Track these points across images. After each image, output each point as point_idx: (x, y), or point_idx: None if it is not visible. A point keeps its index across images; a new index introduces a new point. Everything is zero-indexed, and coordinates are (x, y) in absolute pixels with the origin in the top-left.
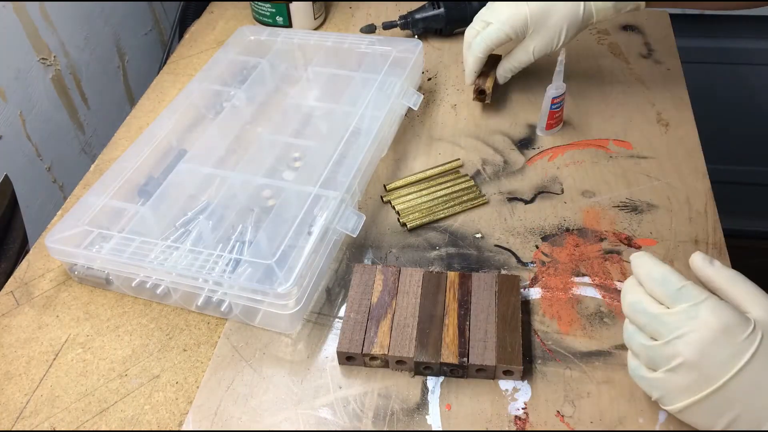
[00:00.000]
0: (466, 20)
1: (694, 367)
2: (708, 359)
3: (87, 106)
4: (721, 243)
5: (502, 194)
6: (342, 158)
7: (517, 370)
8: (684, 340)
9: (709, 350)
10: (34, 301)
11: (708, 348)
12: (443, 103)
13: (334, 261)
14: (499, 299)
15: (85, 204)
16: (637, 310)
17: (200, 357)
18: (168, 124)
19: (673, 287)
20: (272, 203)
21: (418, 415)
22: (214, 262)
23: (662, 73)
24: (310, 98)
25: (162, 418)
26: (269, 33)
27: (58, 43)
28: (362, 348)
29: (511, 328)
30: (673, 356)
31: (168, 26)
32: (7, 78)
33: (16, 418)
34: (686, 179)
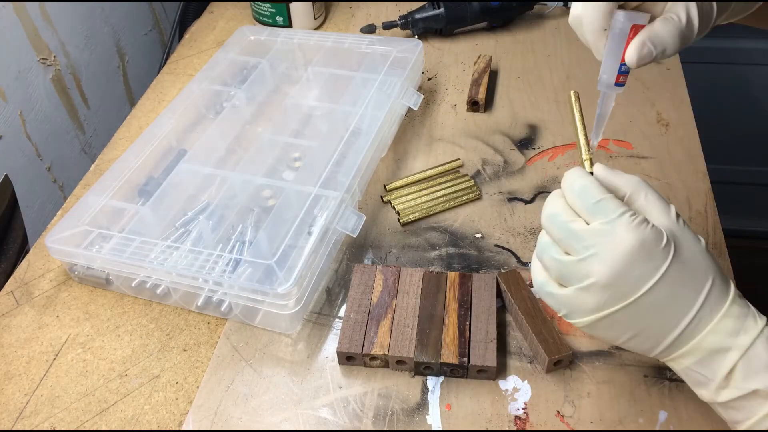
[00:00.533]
0: (466, 20)
1: (606, 287)
2: (620, 278)
3: (87, 106)
4: (721, 243)
5: (502, 194)
6: (342, 158)
7: (567, 357)
8: (598, 258)
9: (622, 269)
10: (34, 301)
11: (622, 267)
12: (443, 103)
13: (334, 261)
14: (514, 297)
15: (85, 204)
16: (554, 222)
17: (200, 357)
18: (168, 124)
19: (590, 200)
20: (272, 203)
21: (418, 415)
22: (214, 262)
23: (662, 73)
24: (310, 98)
25: (162, 418)
26: (269, 33)
27: (58, 43)
28: (362, 348)
29: (541, 320)
30: (586, 275)
31: (168, 26)
32: (7, 78)
33: (16, 418)
34: (686, 179)
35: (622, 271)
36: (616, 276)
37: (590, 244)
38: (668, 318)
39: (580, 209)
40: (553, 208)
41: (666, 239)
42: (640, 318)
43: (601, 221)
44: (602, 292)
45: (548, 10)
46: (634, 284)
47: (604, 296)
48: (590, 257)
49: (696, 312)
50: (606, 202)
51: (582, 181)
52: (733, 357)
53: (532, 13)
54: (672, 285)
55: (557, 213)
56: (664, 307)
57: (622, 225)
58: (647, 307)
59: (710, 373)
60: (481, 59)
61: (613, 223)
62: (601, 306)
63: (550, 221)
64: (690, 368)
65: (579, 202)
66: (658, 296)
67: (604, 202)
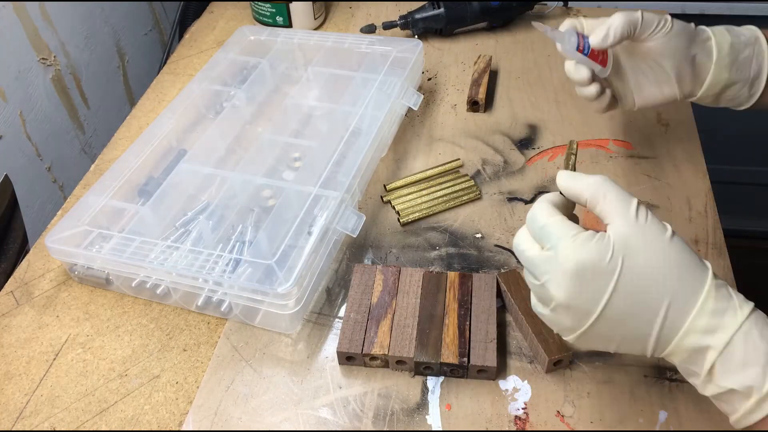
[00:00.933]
0: (466, 20)
1: (568, 307)
2: (577, 299)
3: (87, 106)
4: (721, 243)
5: (502, 194)
6: (342, 158)
7: (567, 357)
8: (551, 284)
9: (573, 291)
10: (34, 301)
11: (572, 289)
12: (443, 103)
13: (334, 261)
14: (514, 297)
15: (85, 204)
16: (518, 251)
17: (200, 357)
18: (168, 124)
19: (536, 226)
20: (272, 203)
21: (418, 415)
22: (214, 262)
23: None
24: (310, 98)
25: (162, 418)
26: (269, 33)
27: (58, 43)
28: (362, 348)
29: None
30: (550, 299)
31: (168, 26)
32: (7, 78)
33: (16, 418)
34: (686, 179)
35: (574, 293)
36: (570, 297)
37: (543, 270)
38: (638, 325)
39: (533, 236)
40: (516, 237)
41: (611, 253)
42: (613, 329)
43: (546, 247)
44: (567, 313)
45: (548, 10)
46: (590, 302)
47: (571, 316)
48: (547, 282)
49: (664, 314)
50: (548, 227)
51: (534, 208)
52: (711, 356)
53: (532, 13)
54: (629, 295)
55: (518, 242)
56: (630, 317)
57: (561, 249)
58: (613, 318)
59: (697, 368)
60: (481, 59)
61: (555, 248)
62: (574, 325)
63: (516, 250)
64: (680, 365)
65: (530, 228)
66: (618, 308)
67: (546, 228)
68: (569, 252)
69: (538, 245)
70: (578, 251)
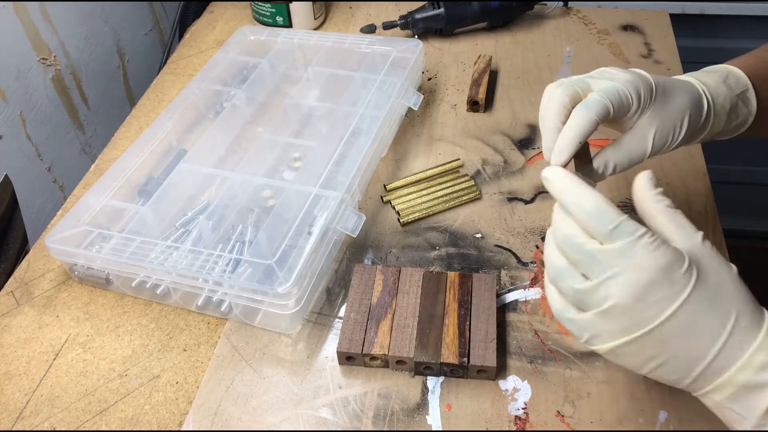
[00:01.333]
0: (466, 20)
1: (626, 311)
2: (641, 302)
3: (87, 106)
4: (721, 243)
5: (502, 194)
6: (342, 158)
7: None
8: (617, 281)
9: (642, 293)
10: (34, 301)
11: (641, 291)
12: (443, 103)
13: (334, 261)
14: None
15: (85, 204)
16: (570, 243)
17: (200, 357)
18: (168, 124)
19: (609, 224)
20: (272, 203)
21: (418, 415)
22: (214, 262)
23: (662, 73)
24: (310, 98)
25: (162, 418)
26: (269, 33)
27: (58, 43)
28: (362, 348)
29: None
30: (605, 298)
31: (168, 26)
32: (7, 78)
33: (16, 418)
34: (686, 179)
35: (642, 296)
36: (635, 300)
37: (609, 266)
38: (694, 347)
39: (594, 230)
40: (568, 228)
41: (688, 263)
42: (663, 346)
43: (620, 242)
44: (622, 317)
45: (548, 10)
46: (655, 310)
47: (624, 321)
48: (608, 280)
49: (724, 342)
50: (625, 224)
51: (594, 200)
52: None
53: (532, 13)
54: (695, 312)
55: (573, 234)
56: (688, 336)
57: (641, 247)
58: (670, 334)
59: (745, 410)
60: (481, 59)
61: (633, 245)
62: (622, 332)
63: (568, 243)
64: (722, 404)
65: (594, 223)
66: (680, 323)
67: (622, 226)
68: (650, 251)
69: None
70: (659, 252)
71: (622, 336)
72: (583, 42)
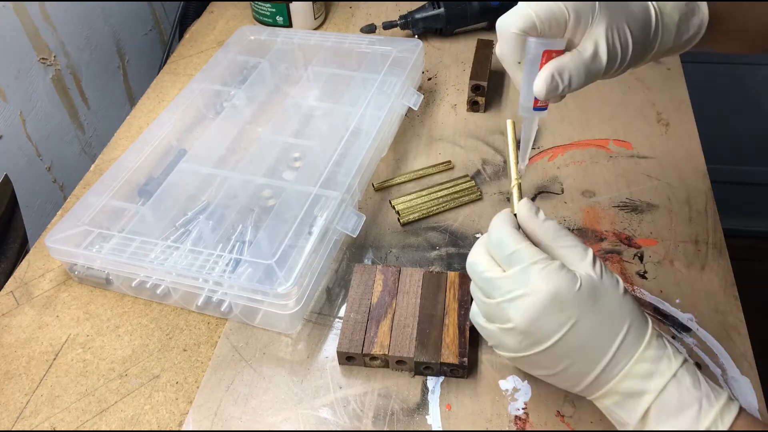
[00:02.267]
0: (466, 20)
1: (523, 332)
2: (534, 326)
3: (87, 106)
4: (721, 243)
5: (502, 194)
6: (342, 158)
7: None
8: (514, 305)
9: (537, 317)
10: (34, 301)
11: (537, 315)
12: (443, 103)
13: (334, 261)
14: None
15: (85, 204)
16: (473, 271)
17: (200, 357)
18: (168, 124)
19: (506, 251)
20: (272, 203)
21: (418, 415)
22: (214, 262)
23: (662, 73)
24: (310, 98)
25: (162, 418)
26: (269, 33)
27: (58, 43)
28: (362, 348)
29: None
30: (505, 319)
31: (168, 26)
32: (7, 78)
33: (16, 418)
34: (686, 179)
35: (536, 320)
36: (530, 324)
37: (506, 290)
38: (582, 363)
39: (497, 258)
40: (472, 256)
41: (579, 284)
42: (555, 361)
43: (516, 268)
44: (518, 337)
45: None
46: (547, 332)
47: (520, 340)
48: (506, 303)
49: (610, 358)
50: (520, 252)
51: (498, 232)
52: (646, 401)
53: None
54: (585, 333)
55: (476, 262)
56: (578, 354)
57: (534, 273)
58: (562, 351)
59: (627, 415)
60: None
61: (526, 271)
62: (519, 348)
63: (470, 270)
64: (609, 409)
65: (495, 252)
66: (571, 344)
67: (518, 253)
68: (542, 277)
69: (498, 267)
70: (552, 280)
71: (520, 351)
72: None
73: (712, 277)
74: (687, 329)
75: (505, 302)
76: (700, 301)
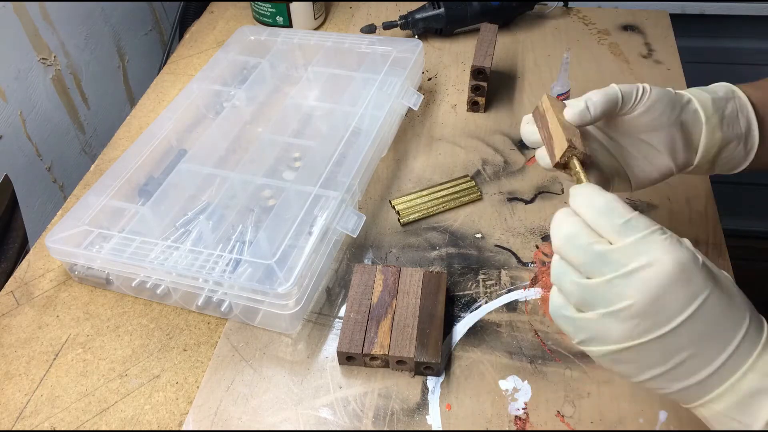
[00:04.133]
0: (466, 20)
1: (639, 313)
2: (660, 302)
3: (87, 106)
4: (721, 243)
5: (502, 194)
6: (342, 158)
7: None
8: (632, 279)
9: (662, 292)
10: (34, 301)
11: (662, 289)
12: (443, 103)
13: (334, 261)
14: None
15: (85, 204)
16: (576, 245)
17: (200, 357)
18: (168, 124)
19: (619, 219)
20: (272, 203)
21: (418, 415)
22: (214, 262)
23: (662, 73)
24: (310, 98)
25: (162, 418)
26: (269, 33)
27: (58, 43)
28: (362, 348)
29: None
30: (618, 298)
31: (168, 26)
32: (7, 78)
33: (16, 418)
34: (686, 179)
35: (661, 296)
36: (653, 301)
37: (622, 263)
38: (703, 354)
39: (604, 229)
40: (571, 227)
41: (702, 261)
42: (672, 351)
43: (632, 238)
44: (633, 319)
45: (548, 10)
46: (672, 311)
47: (634, 324)
48: (621, 278)
49: (734, 349)
50: (637, 219)
51: (604, 197)
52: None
53: (532, 13)
54: (711, 315)
55: (577, 233)
56: (701, 341)
57: (656, 243)
58: (682, 339)
59: (749, 418)
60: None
61: (647, 240)
62: (631, 335)
63: (571, 244)
64: (725, 414)
65: (604, 220)
66: (695, 327)
67: (635, 220)
68: (667, 248)
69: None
70: (676, 249)
71: (627, 340)
72: (583, 42)
73: None
74: None
75: (619, 278)
76: None
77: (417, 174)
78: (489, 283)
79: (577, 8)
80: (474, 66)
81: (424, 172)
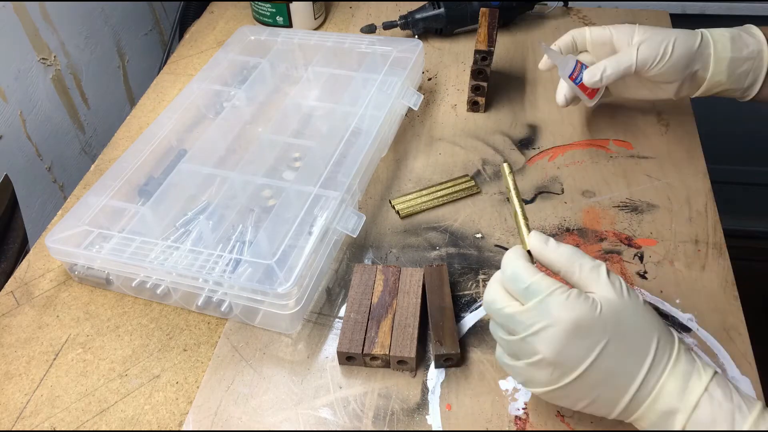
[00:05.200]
0: (466, 20)
1: (551, 363)
2: (564, 354)
3: (87, 106)
4: (721, 243)
5: (502, 194)
6: (342, 158)
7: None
8: (539, 337)
9: (564, 346)
10: (34, 301)
11: (563, 344)
12: (443, 103)
13: (334, 261)
14: None
15: (85, 204)
16: (492, 309)
17: (200, 357)
18: (168, 124)
19: (522, 285)
20: (272, 203)
21: (418, 415)
22: (214, 262)
23: None
24: (310, 98)
25: (162, 418)
26: (269, 33)
27: (58, 43)
28: (363, 348)
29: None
30: (532, 352)
31: (168, 26)
32: (7, 78)
33: (16, 418)
34: (686, 179)
35: (563, 349)
36: (558, 354)
37: (529, 324)
38: (616, 387)
39: (514, 293)
40: (489, 294)
41: (599, 310)
42: (588, 389)
43: (534, 301)
44: (548, 368)
45: (548, 10)
46: (575, 360)
47: (549, 372)
48: (531, 336)
49: (643, 378)
50: (535, 285)
51: (512, 266)
52: (681, 419)
53: (532, 13)
54: (614, 356)
55: (493, 300)
56: (610, 378)
57: (553, 303)
58: (593, 380)
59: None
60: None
61: (545, 302)
62: (550, 381)
63: (488, 308)
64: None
65: (512, 286)
66: (601, 369)
67: (533, 286)
68: (563, 309)
69: (516, 302)
70: (573, 308)
71: (550, 384)
72: None
73: (712, 277)
74: (687, 329)
75: (530, 336)
76: (700, 301)
77: (417, 174)
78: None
79: (577, 8)
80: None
81: (424, 172)
